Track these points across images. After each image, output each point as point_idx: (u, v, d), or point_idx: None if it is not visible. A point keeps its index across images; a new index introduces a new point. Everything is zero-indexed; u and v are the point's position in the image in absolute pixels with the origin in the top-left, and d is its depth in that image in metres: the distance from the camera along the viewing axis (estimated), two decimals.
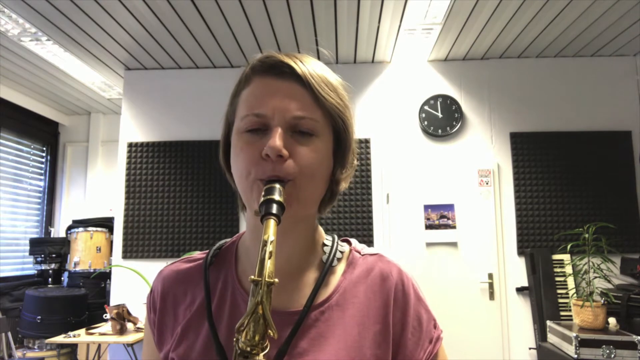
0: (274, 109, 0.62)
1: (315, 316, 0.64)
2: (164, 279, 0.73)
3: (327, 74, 0.67)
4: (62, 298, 4.10)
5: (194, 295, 0.69)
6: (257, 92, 0.64)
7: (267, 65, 0.65)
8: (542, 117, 3.94)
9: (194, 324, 0.66)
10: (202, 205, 4.01)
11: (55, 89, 4.65)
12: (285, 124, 0.62)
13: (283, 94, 0.63)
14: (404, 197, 3.86)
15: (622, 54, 3.96)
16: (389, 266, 0.70)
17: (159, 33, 3.49)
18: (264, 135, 0.62)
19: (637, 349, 2.64)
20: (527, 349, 3.66)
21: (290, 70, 0.63)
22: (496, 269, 3.76)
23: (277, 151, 0.59)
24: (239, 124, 0.64)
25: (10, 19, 3.22)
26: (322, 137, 0.64)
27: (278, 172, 0.60)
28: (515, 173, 3.88)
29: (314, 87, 0.63)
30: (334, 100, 0.65)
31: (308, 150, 0.62)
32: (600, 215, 3.73)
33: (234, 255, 0.72)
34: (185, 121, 4.12)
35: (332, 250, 0.70)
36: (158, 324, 0.70)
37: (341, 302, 0.66)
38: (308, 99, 0.63)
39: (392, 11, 3.21)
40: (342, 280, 0.68)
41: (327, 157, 0.66)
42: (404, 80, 4.07)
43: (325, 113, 0.64)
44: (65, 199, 5.39)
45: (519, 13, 3.24)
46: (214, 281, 0.69)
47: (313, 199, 0.66)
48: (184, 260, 0.74)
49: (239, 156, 0.63)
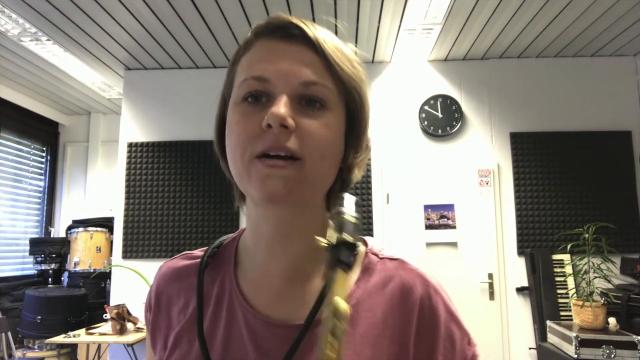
0: (279, 73, 0.52)
1: (321, 331, 0.56)
2: (160, 277, 0.66)
3: (341, 45, 0.58)
4: (62, 298, 4.10)
5: (188, 298, 0.62)
6: (260, 55, 0.54)
7: (273, 26, 0.55)
8: (542, 117, 3.93)
9: (188, 333, 0.59)
10: (202, 205, 4.01)
11: (55, 89, 4.65)
12: (292, 92, 0.52)
13: (290, 58, 0.53)
14: (404, 197, 3.85)
15: (622, 54, 3.96)
16: (412, 276, 0.58)
17: (159, 33, 3.49)
18: (265, 107, 0.52)
19: (637, 349, 2.64)
20: (527, 349, 3.66)
21: (300, 33, 0.54)
22: (496, 269, 3.76)
23: (281, 119, 0.49)
24: (236, 92, 0.55)
25: (10, 19, 3.22)
26: (334, 111, 0.54)
27: (281, 146, 0.50)
28: (515, 173, 3.88)
29: (327, 53, 0.54)
30: (349, 70, 0.56)
31: (318, 125, 0.52)
32: (600, 215, 3.73)
33: (233, 254, 0.63)
34: (185, 121, 4.12)
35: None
36: (152, 325, 0.64)
37: (352, 317, 0.54)
38: (319, 65, 0.54)
39: (392, 11, 3.21)
40: (354, 290, 0.57)
41: (339, 136, 0.56)
42: (404, 80, 4.07)
43: (338, 84, 0.55)
44: (65, 199, 5.39)
45: (519, 13, 3.24)
46: (210, 284, 0.61)
47: (322, 183, 0.56)
48: (184, 256, 0.67)
49: (233, 131, 0.53)
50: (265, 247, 0.58)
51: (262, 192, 0.51)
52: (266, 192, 0.51)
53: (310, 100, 0.53)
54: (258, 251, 0.59)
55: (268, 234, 0.57)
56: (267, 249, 0.58)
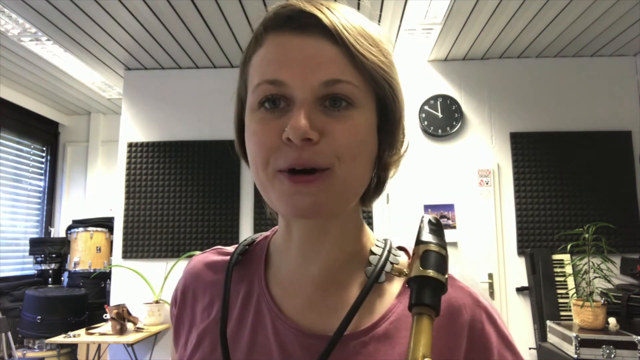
0: (296, 74, 0.47)
1: (355, 348, 0.50)
2: (187, 272, 0.63)
3: (365, 25, 0.50)
4: (62, 298, 4.10)
5: (214, 296, 0.58)
6: (272, 55, 0.49)
7: (283, 17, 0.49)
8: (542, 117, 3.93)
9: (211, 334, 0.56)
10: (202, 205, 4.01)
11: (55, 89, 4.65)
12: (312, 94, 0.47)
13: (307, 54, 0.47)
14: (404, 197, 3.85)
15: (622, 54, 3.96)
16: (462, 295, 0.53)
17: (159, 33, 3.49)
18: (284, 113, 0.47)
19: (637, 349, 2.64)
20: (527, 349, 3.66)
21: (316, 22, 0.48)
22: (496, 269, 3.76)
23: (303, 133, 0.45)
24: (251, 98, 0.50)
25: (10, 19, 3.22)
26: (362, 109, 0.49)
27: (307, 161, 0.46)
28: (515, 173, 3.88)
29: (348, 42, 0.47)
30: (376, 58, 0.49)
31: (346, 128, 0.47)
32: (600, 215, 3.72)
33: (264, 254, 0.60)
34: (185, 121, 4.12)
35: (381, 260, 0.54)
36: (176, 320, 0.62)
37: (392, 334, 0.50)
38: (342, 58, 0.47)
39: (392, 11, 3.21)
40: (395, 305, 0.52)
41: (372, 135, 0.51)
42: (404, 80, 4.00)
43: (365, 76, 0.49)
44: (65, 199, 5.39)
45: (519, 13, 3.23)
46: (238, 284, 0.58)
47: (356, 190, 0.51)
48: (215, 251, 0.63)
49: (252, 142, 0.49)
50: (296, 251, 0.55)
51: (290, 208, 0.48)
52: (294, 209, 0.48)
53: (335, 99, 0.47)
54: (290, 254, 0.56)
55: (299, 238, 0.54)
56: (299, 253, 0.55)
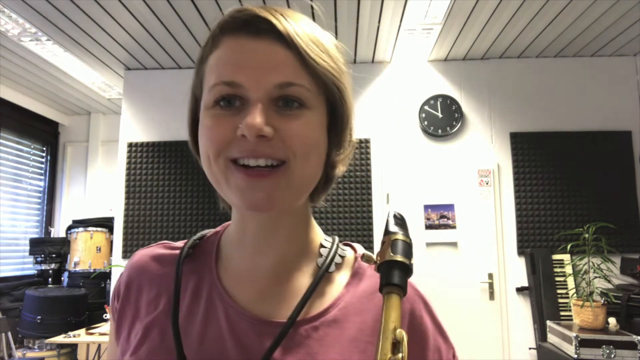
0: (251, 77, 0.49)
1: (307, 332, 0.53)
2: (132, 265, 0.63)
3: (317, 32, 0.53)
4: (62, 298, 4.10)
5: (161, 288, 0.59)
6: (229, 57, 0.51)
7: (239, 21, 0.52)
8: (542, 117, 3.93)
9: (159, 325, 0.56)
10: (202, 205, 4.01)
11: (55, 89, 4.65)
12: (267, 95, 0.49)
13: (262, 57, 0.50)
14: (404, 197, 3.85)
15: (622, 54, 3.96)
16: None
17: (159, 33, 3.49)
18: (239, 111, 0.49)
19: (637, 349, 2.64)
20: (527, 349, 3.66)
21: (269, 27, 0.50)
22: (496, 269, 3.75)
23: (258, 130, 0.47)
24: (207, 97, 0.52)
25: (10, 19, 3.22)
26: (314, 109, 0.51)
27: (261, 153, 0.48)
28: (515, 173, 3.88)
29: (300, 48, 0.50)
30: (326, 64, 0.52)
31: (299, 125, 0.50)
32: (600, 215, 3.72)
33: (215, 248, 0.61)
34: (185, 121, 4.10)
35: (331, 253, 0.58)
36: (118, 314, 0.61)
37: (340, 319, 0.54)
38: (294, 62, 0.50)
39: (392, 11, 3.21)
40: (344, 294, 0.56)
41: (323, 134, 0.53)
42: (404, 80, 4.07)
43: (316, 80, 0.51)
44: (65, 199, 5.39)
45: (519, 13, 3.24)
46: (187, 277, 0.59)
47: (309, 186, 0.54)
48: (162, 245, 0.64)
49: (206, 135, 0.51)
50: (251, 243, 0.57)
51: (244, 202, 0.50)
52: (248, 203, 0.50)
53: (288, 101, 0.50)
54: (244, 246, 0.58)
55: (253, 231, 0.56)
56: (253, 246, 0.57)
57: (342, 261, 0.59)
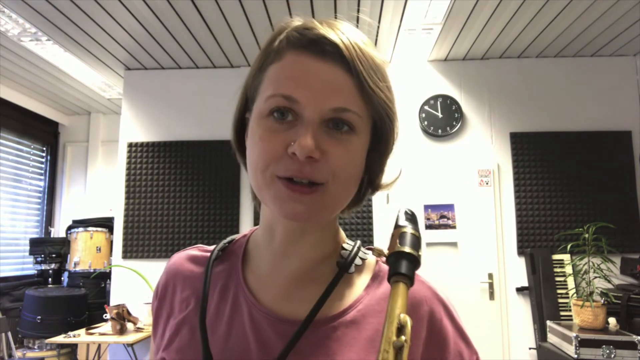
0: (309, 96, 0.51)
1: (325, 332, 0.54)
2: (169, 267, 0.66)
3: (374, 54, 0.55)
4: (62, 298, 4.10)
5: (193, 288, 0.62)
6: (291, 72, 0.52)
7: (306, 39, 0.53)
8: (542, 117, 3.93)
9: (189, 322, 0.59)
10: (202, 205, 4.01)
11: (55, 89, 4.65)
12: (320, 117, 0.51)
13: (323, 78, 0.51)
14: (404, 197, 3.85)
15: (622, 54, 3.96)
16: (423, 288, 0.59)
17: (159, 33, 3.49)
18: (291, 126, 0.51)
19: (637, 349, 2.64)
20: (527, 349, 3.66)
21: (334, 50, 0.52)
22: (496, 269, 3.76)
23: (308, 152, 0.49)
24: (262, 105, 0.53)
25: (10, 19, 3.22)
26: (360, 135, 0.54)
27: (306, 174, 0.50)
28: (515, 173, 3.88)
29: (362, 76, 0.52)
30: (383, 94, 0.54)
31: (345, 151, 0.52)
32: (600, 215, 3.72)
33: (242, 250, 0.64)
34: (185, 121, 4.12)
35: (351, 254, 0.59)
36: (155, 312, 0.65)
37: (359, 320, 0.55)
38: (352, 88, 0.52)
39: (392, 11, 3.21)
40: (363, 296, 0.58)
41: (362, 158, 0.56)
42: (404, 80, 4.07)
43: (369, 108, 0.53)
44: (65, 199, 5.39)
45: (519, 13, 3.24)
46: (217, 277, 0.62)
47: (343, 205, 0.57)
48: (196, 248, 0.67)
49: (257, 146, 0.53)
50: (278, 246, 0.59)
51: (283, 212, 0.52)
52: (286, 213, 0.52)
53: (339, 123, 0.52)
54: (271, 250, 0.60)
55: (282, 237, 0.58)
56: (280, 248, 0.59)
57: (363, 264, 0.61)
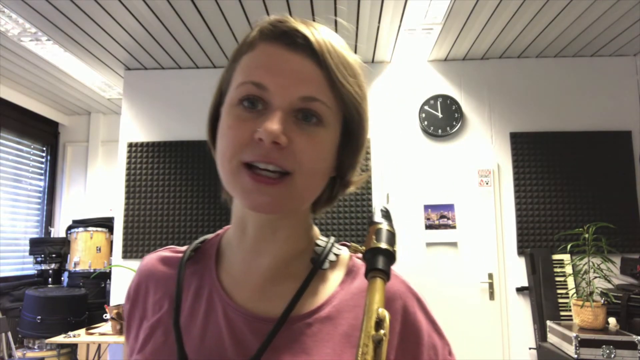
0: (279, 84, 0.51)
1: (300, 328, 0.54)
2: (141, 269, 0.65)
3: (346, 53, 0.56)
4: (62, 298, 4.10)
5: (166, 290, 0.61)
6: (261, 61, 0.53)
7: (279, 30, 0.54)
8: (542, 117, 3.93)
9: (163, 324, 0.58)
10: (202, 205, 4.01)
11: (55, 89, 4.65)
12: (289, 105, 0.51)
13: (293, 68, 0.52)
14: (404, 197, 3.85)
15: (622, 54, 3.96)
16: (396, 283, 0.58)
17: (159, 33, 3.49)
18: (260, 114, 0.51)
19: (637, 349, 2.64)
20: (527, 349, 3.66)
21: (305, 42, 0.53)
22: (496, 269, 3.75)
23: (274, 137, 0.49)
24: (233, 93, 0.54)
25: (10, 19, 3.22)
26: (329, 128, 0.54)
27: (272, 159, 0.50)
28: (515, 173, 3.88)
29: (330, 67, 0.53)
30: (352, 89, 0.54)
31: (312, 142, 0.52)
32: (600, 215, 3.72)
33: (215, 249, 0.63)
34: (185, 121, 4.12)
35: (325, 251, 0.59)
36: (128, 315, 0.64)
37: (334, 316, 0.55)
38: (321, 80, 0.52)
39: (392, 11, 3.21)
40: (338, 291, 0.57)
41: (332, 153, 0.56)
42: (404, 80, 4.07)
43: (339, 101, 0.54)
44: (65, 199, 5.39)
45: (519, 13, 3.24)
46: (190, 278, 0.61)
47: (309, 198, 0.57)
48: (168, 249, 0.67)
49: (226, 135, 0.53)
50: (251, 244, 0.59)
51: (249, 203, 0.53)
52: (252, 204, 0.52)
53: (307, 115, 0.52)
54: (243, 247, 0.59)
55: (254, 232, 0.58)
56: (252, 245, 0.58)
57: (337, 260, 0.61)
